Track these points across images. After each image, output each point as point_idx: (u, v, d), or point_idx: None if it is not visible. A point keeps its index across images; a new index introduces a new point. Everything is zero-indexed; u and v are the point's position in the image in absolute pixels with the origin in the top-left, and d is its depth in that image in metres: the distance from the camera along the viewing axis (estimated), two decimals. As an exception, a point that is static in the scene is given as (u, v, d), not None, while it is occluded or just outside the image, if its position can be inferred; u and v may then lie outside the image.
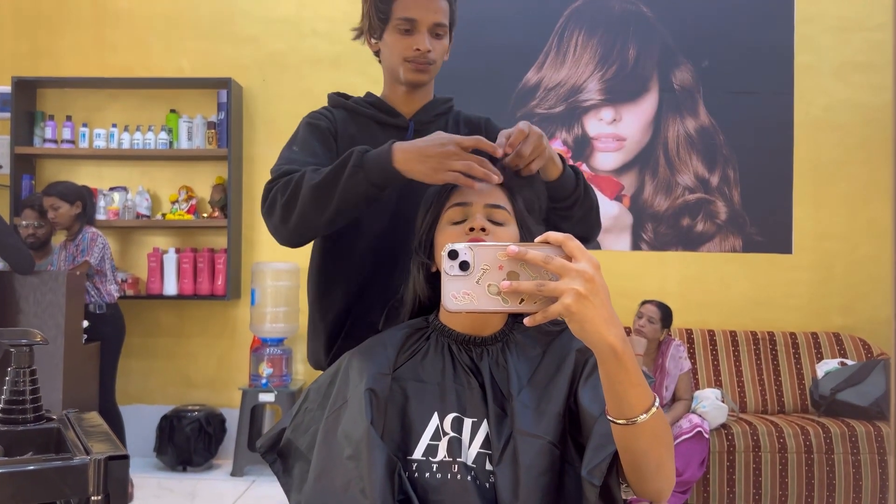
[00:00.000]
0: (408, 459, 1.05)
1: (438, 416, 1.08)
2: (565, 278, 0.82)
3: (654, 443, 0.92)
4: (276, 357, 4.11)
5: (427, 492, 1.03)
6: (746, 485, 3.52)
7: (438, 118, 1.54)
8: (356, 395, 1.09)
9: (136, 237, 4.45)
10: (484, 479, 1.04)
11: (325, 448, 1.09)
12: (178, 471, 4.05)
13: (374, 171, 1.22)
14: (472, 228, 1.12)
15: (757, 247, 4.31)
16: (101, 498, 1.05)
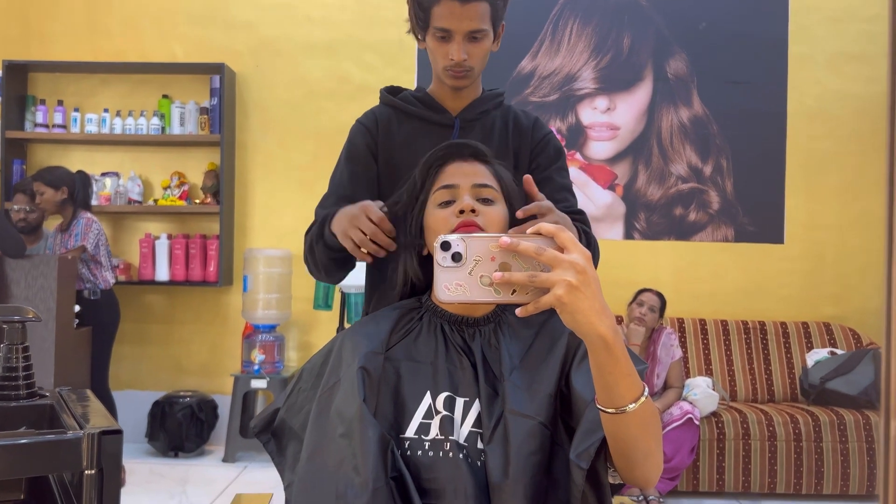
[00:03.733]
0: (400, 438, 1.06)
1: (431, 395, 1.09)
2: (557, 270, 0.82)
3: (642, 431, 0.93)
4: (269, 344, 4.11)
5: (419, 469, 1.03)
6: (736, 472, 3.55)
7: (485, 115, 1.54)
8: (349, 374, 1.10)
9: (127, 223, 4.43)
10: (475, 458, 1.04)
11: (318, 427, 1.10)
12: (170, 456, 4.06)
13: (328, 239, 1.35)
14: (461, 211, 1.11)
15: (749, 237, 4.32)
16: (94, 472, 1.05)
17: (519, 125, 1.56)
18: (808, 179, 4.31)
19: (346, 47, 4.32)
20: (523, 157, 1.54)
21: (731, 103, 4.32)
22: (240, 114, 4.39)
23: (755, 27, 4.32)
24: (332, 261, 1.41)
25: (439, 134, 1.48)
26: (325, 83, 4.31)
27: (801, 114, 4.31)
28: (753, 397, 4.02)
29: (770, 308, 4.27)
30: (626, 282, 3.92)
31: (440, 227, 1.13)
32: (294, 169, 4.35)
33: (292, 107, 4.34)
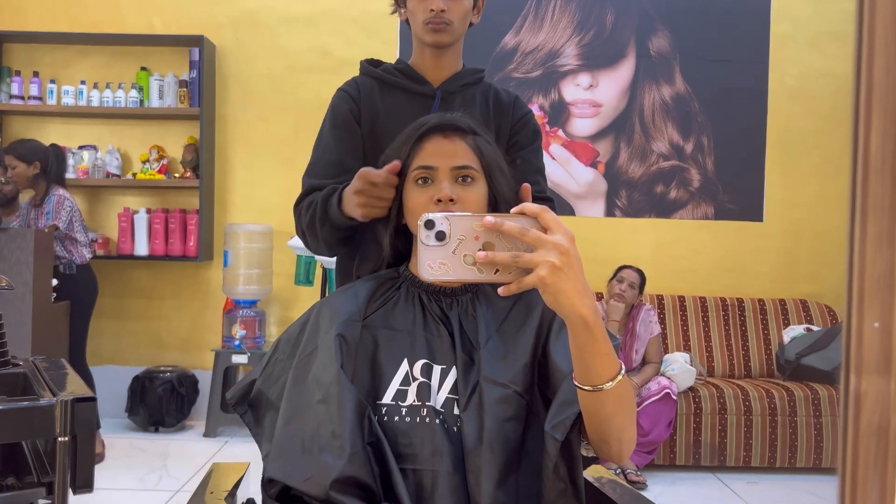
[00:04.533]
0: (377, 404, 1.06)
1: (408, 363, 1.09)
2: (541, 250, 0.83)
3: (617, 409, 0.95)
4: (250, 319, 4.11)
5: (396, 435, 1.04)
6: (712, 446, 3.60)
7: (466, 88, 1.54)
8: (326, 341, 1.10)
9: (106, 196, 4.39)
10: (452, 424, 1.05)
11: (295, 393, 1.10)
12: (150, 431, 4.05)
13: (336, 218, 1.34)
14: (439, 200, 1.10)
15: (728, 214, 4.36)
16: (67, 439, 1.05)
17: (499, 102, 1.56)
18: (788, 158, 4.34)
19: (327, 20, 4.27)
20: (503, 134, 1.54)
21: (712, 81, 4.33)
22: (219, 87, 4.34)
23: (738, 5, 4.32)
24: (338, 240, 1.41)
25: (421, 105, 1.48)
26: (306, 56, 4.27)
27: (781, 92, 4.33)
28: (730, 373, 4.07)
29: (748, 285, 4.32)
30: (607, 259, 3.94)
31: (419, 210, 1.12)
32: (274, 143, 4.31)
33: (273, 80, 4.29)
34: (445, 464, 1.03)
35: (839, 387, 0.51)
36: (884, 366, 0.46)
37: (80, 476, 1.08)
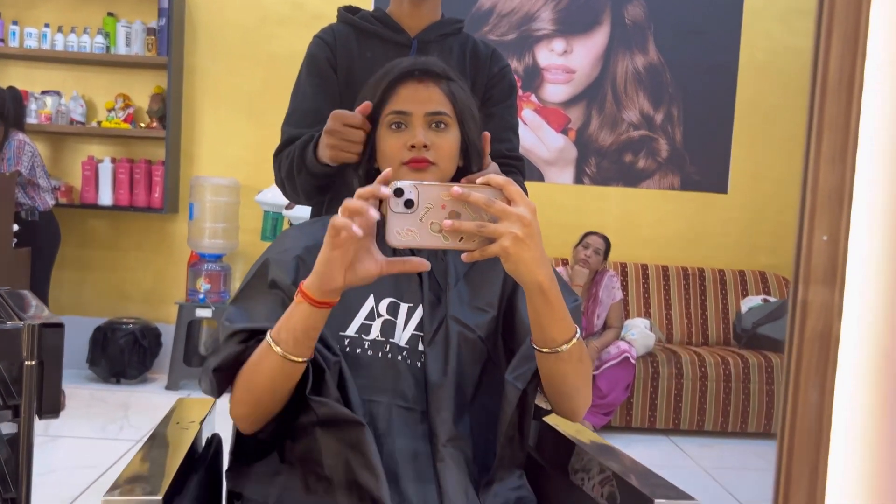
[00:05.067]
0: (340, 335, 1.07)
1: (374, 299, 1.10)
2: (505, 222, 0.87)
3: (572, 370, 1.01)
4: (215, 273, 4.08)
5: (358, 367, 1.06)
6: (667, 409, 3.70)
7: (444, 39, 1.53)
8: (285, 257, 1.08)
9: (69, 144, 4.30)
10: (415, 359, 1.07)
11: (248, 287, 1.08)
12: (112, 383, 4.03)
13: (312, 166, 1.34)
14: (412, 146, 1.11)
15: (694, 185, 4.42)
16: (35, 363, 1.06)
17: (477, 53, 1.56)
18: (755, 132, 4.41)
19: (301, -27, 4.21)
20: (479, 87, 1.54)
21: (685, 53, 4.36)
22: (188, 37, 4.26)
23: (713, -23, 4.34)
24: (315, 187, 1.41)
25: (397, 53, 1.47)
26: (279, 8, 4.20)
27: (751, 66, 4.38)
28: (688, 340, 4.17)
29: (710, 255, 4.41)
30: (574, 225, 3.99)
31: (391, 155, 1.12)
32: (243, 96, 4.25)
33: (244, 32, 4.22)
34: (407, 398, 1.05)
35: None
36: (829, 276, 0.49)
37: (46, 402, 1.09)
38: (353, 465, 0.98)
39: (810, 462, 0.48)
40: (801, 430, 0.50)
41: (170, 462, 0.98)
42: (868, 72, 0.48)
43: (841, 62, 0.48)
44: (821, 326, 0.50)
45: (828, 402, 0.49)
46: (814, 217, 0.50)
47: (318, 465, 1.02)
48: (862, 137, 0.48)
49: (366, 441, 0.97)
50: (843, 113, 0.48)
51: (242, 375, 1.01)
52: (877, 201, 0.47)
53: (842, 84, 0.48)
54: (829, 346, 0.49)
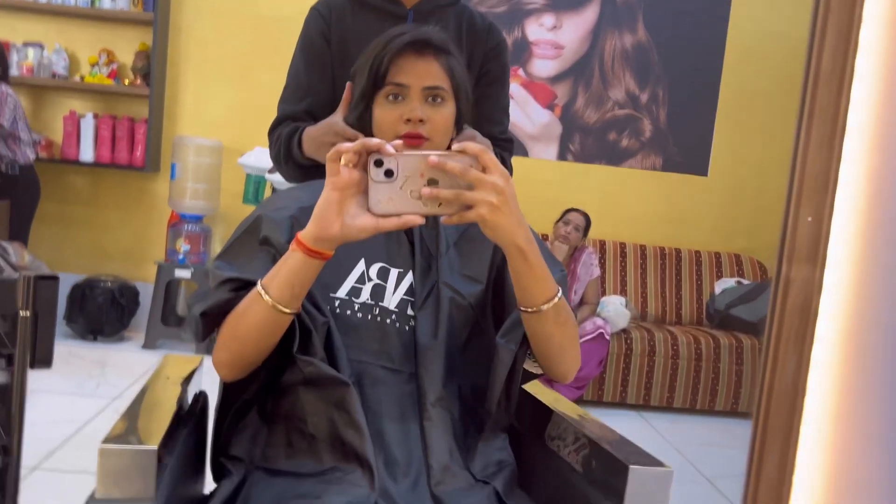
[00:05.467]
0: (330, 296, 1.09)
1: (365, 263, 1.12)
2: (480, 190, 0.91)
3: (557, 329, 1.04)
4: (195, 234, 4.07)
5: (347, 328, 1.08)
6: (638, 385, 3.78)
7: (440, 10, 1.52)
8: (279, 216, 1.10)
9: (50, 97, 4.24)
10: (404, 323, 1.10)
11: (239, 241, 1.10)
12: (88, 340, 4.03)
13: (298, 157, 1.41)
14: (408, 120, 1.11)
15: (675, 167, 4.47)
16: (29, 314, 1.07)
17: (473, 27, 1.56)
18: (738, 116, 4.45)
19: (292, -66, 4.15)
20: (475, 62, 1.54)
21: (673, 33, 4.38)
22: (176, -6, 4.20)
23: (705, -41, 4.35)
24: (302, 173, 1.47)
25: (393, 24, 1.46)
26: (269, -30, 4.15)
27: (737, 50, 4.41)
28: (662, 318, 4.25)
29: (687, 236, 4.47)
30: (556, 201, 4.02)
31: (388, 127, 1.13)
32: (229, 57, 4.21)
33: (232, -9, 4.18)
34: (395, 360, 1.08)
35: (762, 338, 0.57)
36: (812, 255, 0.52)
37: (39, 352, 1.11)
38: (337, 422, 1.01)
39: (784, 428, 0.52)
40: (777, 396, 0.53)
41: (162, 415, 1.01)
42: (859, 64, 0.50)
43: (834, 53, 0.51)
44: (801, 301, 0.53)
45: (804, 371, 0.52)
46: (800, 199, 0.53)
47: (302, 423, 1.04)
48: (850, 126, 0.50)
49: (351, 400, 1.00)
50: (833, 102, 0.51)
51: (229, 321, 1.03)
52: (859, 186, 0.50)
53: (833, 74, 0.51)
54: (808, 320, 0.52)
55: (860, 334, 0.51)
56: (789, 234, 0.51)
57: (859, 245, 0.50)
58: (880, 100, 0.49)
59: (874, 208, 0.50)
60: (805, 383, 0.52)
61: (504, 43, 1.60)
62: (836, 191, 0.50)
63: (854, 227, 0.50)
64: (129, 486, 0.86)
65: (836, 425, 0.50)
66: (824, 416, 0.51)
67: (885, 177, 0.49)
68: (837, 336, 0.51)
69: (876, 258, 0.50)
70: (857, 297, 0.51)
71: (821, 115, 0.49)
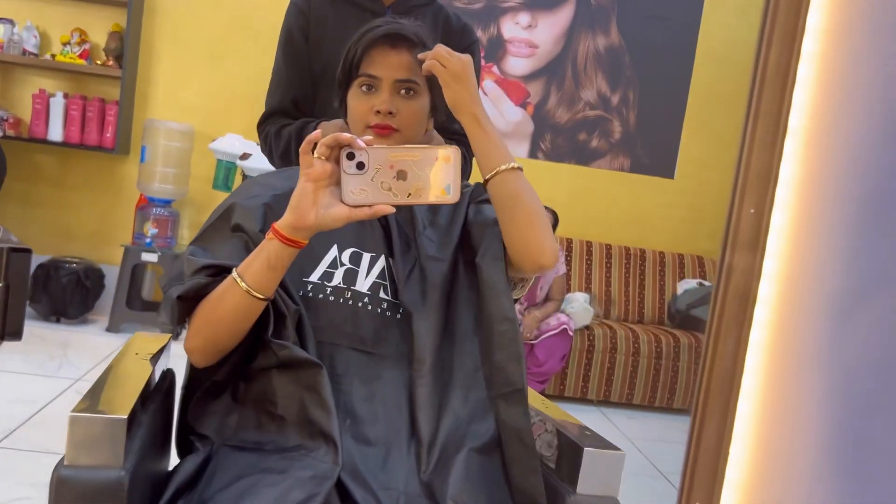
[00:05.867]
0: (303, 280, 1.12)
1: (338, 249, 1.15)
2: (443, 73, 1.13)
3: (521, 191, 1.12)
4: (163, 218, 4.05)
5: (318, 311, 1.11)
6: (600, 381, 3.85)
7: (417, 9, 1.57)
8: (252, 203, 1.12)
9: (19, 75, 4.18)
10: (376, 306, 1.13)
11: (213, 228, 1.13)
12: (51, 321, 3.98)
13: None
14: (378, 111, 1.14)
15: (643, 168, 4.55)
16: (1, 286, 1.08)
17: (448, 26, 1.60)
18: (706, 121, 4.55)
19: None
20: None
21: (646, 37, 4.45)
22: (151, -25, 4.16)
23: (679, -34, 4.43)
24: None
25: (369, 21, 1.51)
26: (247, -44, 4.14)
27: (707, 56, 4.50)
28: (625, 317, 4.33)
29: (652, 238, 4.56)
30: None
31: (358, 118, 1.16)
32: (204, 42, 4.19)
33: (209, -24, 4.15)
34: (362, 342, 1.11)
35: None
36: (753, 244, 0.56)
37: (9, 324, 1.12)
38: (306, 403, 1.04)
39: (722, 404, 0.56)
40: (717, 375, 0.57)
41: (130, 389, 1.02)
42: (801, 71, 0.55)
43: (778, 60, 0.55)
44: (742, 287, 0.57)
45: (742, 351, 0.56)
46: (744, 193, 0.57)
47: (273, 405, 1.07)
48: (790, 127, 0.55)
49: (321, 382, 1.03)
50: (777, 105, 0.55)
51: (203, 307, 1.05)
52: (798, 183, 0.55)
53: (777, 78, 0.55)
54: (748, 305, 0.57)
55: (793, 319, 0.55)
56: (733, 224, 0.55)
57: (795, 236, 0.55)
58: (819, 104, 0.54)
59: (810, 203, 0.55)
60: (743, 363, 0.56)
61: (478, 43, 1.64)
62: (776, 186, 0.54)
63: (791, 219, 0.55)
64: (99, 453, 0.88)
65: (768, 401, 0.55)
66: (759, 393, 0.55)
67: (821, 175, 0.54)
68: (773, 320, 0.56)
69: (810, 249, 0.54)
70: (791, 284, 0.55)
71: (765, 117, 0.54)
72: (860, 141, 0.55)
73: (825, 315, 0.55)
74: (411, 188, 0.96)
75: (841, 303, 0.55)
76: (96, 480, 0.87)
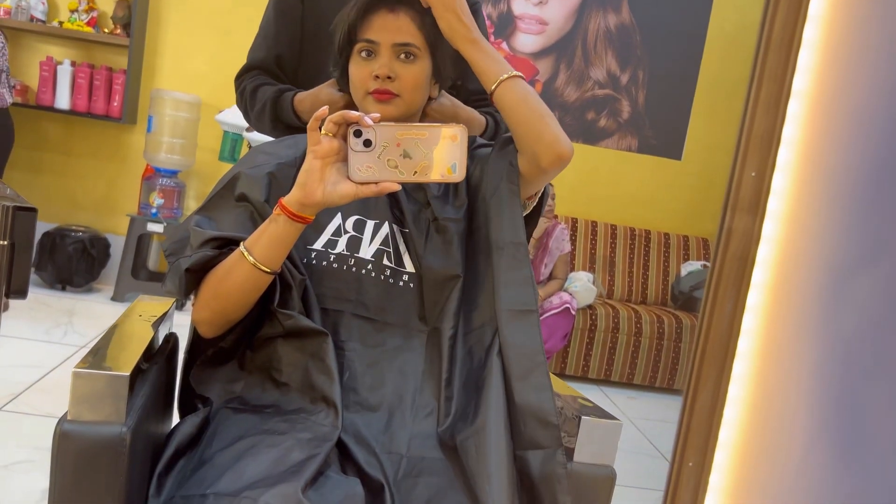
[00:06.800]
0: (307, 248, 1.13)
1: (342, 217, 1.15)
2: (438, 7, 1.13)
3: (527, 94, 1.12)
4: (169, 189, 4.05)
5: (322, 278, 1.11)
6: (601, 361, 3.86)
7: None
8: (257, 172, 1.12)
9: (27, 41, 4.17)
10: (379, 273, 1.13)
11: (217, 197, 1.13)
12: (57, 289, 4.01)
13: (284, 116, 1.40)
14: (377, 76, 1.13)
15: (650, 149, 4.53)
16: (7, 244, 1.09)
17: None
18: (715, 103, 4.52)
19: None
20: None
21: (657, 16, 4.42)
22: (160, -56, 4.14)
23: (692, -56, 4.38)
24: (286, 130, 1.46)
25: None
26: (256, -74, 4.10)
27: (719, 38, 4.47)
28: (628, 297, 4.33)
29: (657, 219, 4.55)
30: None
31: (359, 84, 1.16)
32: (212, 13, 4.17)
33: (218, -55, 4.12)
34: (365, 309, 1.11)
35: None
36: (753, 207, 0.56)
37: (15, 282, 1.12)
38: (310, 370, 1.05)
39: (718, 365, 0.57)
40: (714, 336, 0.58)
41: (135, 347, 1.03)
42: (807, 33, 0.54)
43: (785, 20, 0.55)
44: (741, 250, 0.57)
45: (739, 313, 0.57)
46: (746, 156, 0.57)
47: (277, 372, 1.08)
48: (794, 89, 0.55)
49: (326, 349, 1.04)
50: (782, 67, 0.55)
51: (211, 280, 1.06)
52: (800, 146, 0.55)
53: (783, 40, 0.55)
54: (746, 267, 0.57)
55: (791, 282, 0.55)
56: (734, 187, 0.55)
57: (796, 199, 0.55)
58: (824, 67, 0.54)
59: (812, 167, 0.55)
60: (739, 325, 0.56)
61: (480, 3, 1.62)
62: (778, 148, 0.54)
63: (792, 182, 0.55)
64: (101, 409, 0.89)
65: (763, 363, 0.55)
66: (754, 355, 0.56)
67: (825, 138, 0.54)
68: (770, 282, 0.56)
69: (810, 213, 0.54)
70: (790, 247, 0.55)
71: (769, 79, 0.54)
72: (866, 105, 0.55)
73: (824, 279, 0.55)
74: (417, 166, 0.97)
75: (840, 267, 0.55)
76: (98, 435, 0.88)
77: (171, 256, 1.11)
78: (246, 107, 1.50)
